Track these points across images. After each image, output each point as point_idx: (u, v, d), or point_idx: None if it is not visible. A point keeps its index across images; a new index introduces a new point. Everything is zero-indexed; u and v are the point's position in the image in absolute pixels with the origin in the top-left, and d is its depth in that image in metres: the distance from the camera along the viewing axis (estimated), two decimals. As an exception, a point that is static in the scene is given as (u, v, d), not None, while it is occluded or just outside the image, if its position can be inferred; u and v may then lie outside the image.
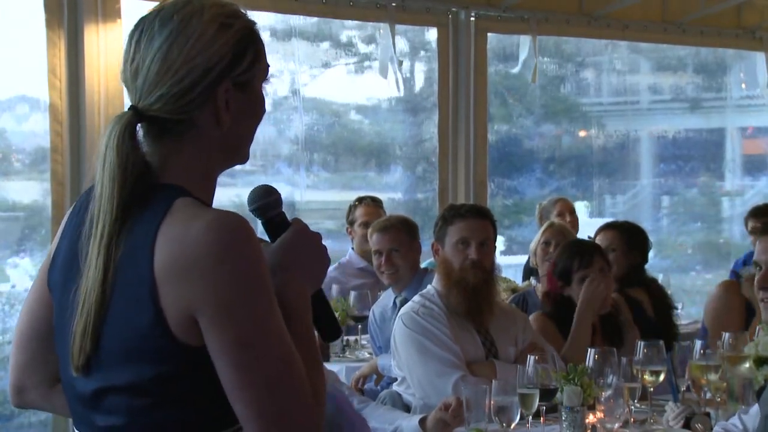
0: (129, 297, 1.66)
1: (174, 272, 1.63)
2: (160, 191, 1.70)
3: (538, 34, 7.21)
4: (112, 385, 1.70)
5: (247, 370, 1.63)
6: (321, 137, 9.11)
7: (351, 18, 7.14)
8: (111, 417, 1.72)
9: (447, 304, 4.00)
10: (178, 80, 1.69)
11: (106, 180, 1.69)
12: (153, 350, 1.66)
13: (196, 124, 1.73)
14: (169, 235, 1.64)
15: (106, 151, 1.69)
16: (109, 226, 1.68)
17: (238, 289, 1.63)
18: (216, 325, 1.63)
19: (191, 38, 1.70)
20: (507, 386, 3.29)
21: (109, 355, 1.69)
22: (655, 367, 3.56)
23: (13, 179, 7.29)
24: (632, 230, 5.33)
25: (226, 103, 1.74)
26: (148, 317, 1.64)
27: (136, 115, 1.71)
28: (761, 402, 2.93)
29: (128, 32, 1.77)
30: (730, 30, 8.09)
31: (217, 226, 1.63)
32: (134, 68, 1.72)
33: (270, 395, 1.64)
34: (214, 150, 1.77)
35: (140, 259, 1.65)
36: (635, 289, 5.00)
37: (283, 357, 1.65)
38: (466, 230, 4.02)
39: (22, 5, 6.22)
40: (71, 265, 1.76)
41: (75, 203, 1.86)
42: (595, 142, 11.05)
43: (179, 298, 1.63)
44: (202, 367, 1.66)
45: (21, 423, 6.50)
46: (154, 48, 1.70)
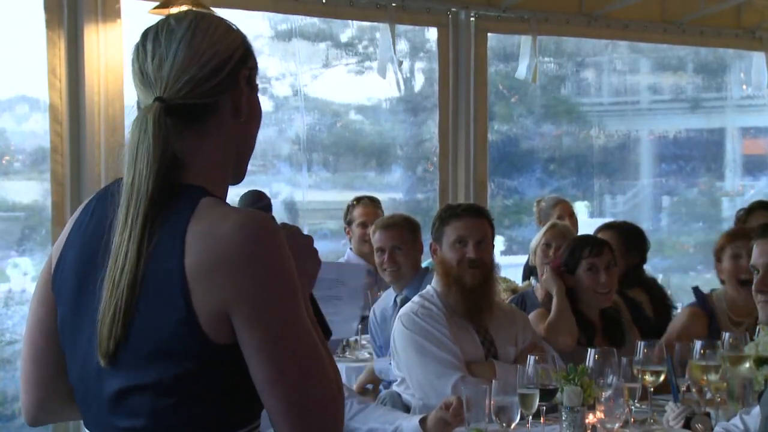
0: (158, 293, 1.70)
1: (207, 271, 1.67)
2: (183, 190, 1.76)
3: (538, 34, 7.20)
4: (137, 384, 1.72)
5: (281, 365, 1.69)
6: (322, 137, 9.12)
7: (351, 18, 7.13)
8: (132, 419, 1.74)
9: (446, 304, 3.99)
10: (204, 62, 1.77)
11: (143, 166, 1.72)
12: (181, 348, 1.69)
13: (219, 110, 1.80)
14: (199, 234, 1.69)
15: (142, 138, 1.73)
16: (143, 209, 1.71)
17: (271, 287, 1.69)
18: (251, 322, 1.68)
19: (210, 29, 1.80)
20: (507, 386, 3.29)
21: (136, 352, 1.71)
22: (655, 367, 3.56)
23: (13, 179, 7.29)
24: (630, 230, 5.33)
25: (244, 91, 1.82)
26: (179, 315, 1.68)
27: (163, 105, 1.76)
28: (762, 403, 2.93)
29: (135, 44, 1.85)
30: (730, 30, 8.09)
31: (246, 225, 1.69)
32: (158, 61, 1.78)
33: (302, 388, 1.70)
34: (230, 144, 1.83)
35: (170, 256, 1.69)
36: (634, 289, 5.00)
37: (312, 350, 1.73)
38: (462, 229, 4.02)
39: (22, 5, 6.23)
40: (92, 261, 1.78)
41: (85, 207, 1.88)
42: (596, 142, 11.06)
43: (212, 297, 1.67)
44: (225, 365, 1.71)
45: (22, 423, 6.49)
46: (177, 38, 1.79)
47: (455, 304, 3.98)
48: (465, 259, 3.99)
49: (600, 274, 4.27)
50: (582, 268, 4.28)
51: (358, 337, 5.52)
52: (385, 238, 5.13)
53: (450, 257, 4.01)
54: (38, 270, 1.99)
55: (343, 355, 5.36)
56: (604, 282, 4.27)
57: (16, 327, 6.91)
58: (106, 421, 1.78)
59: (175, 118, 1.76)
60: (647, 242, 5.33)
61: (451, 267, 4.00)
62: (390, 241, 5.11)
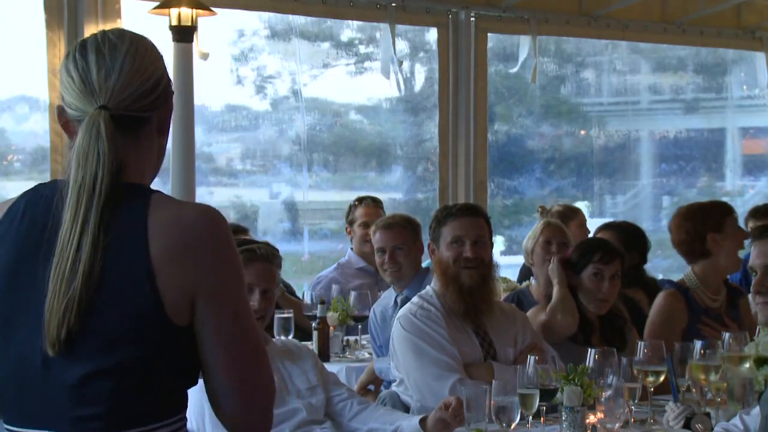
0: (121, 282, 1.80)
1: (174, 257, 1.81)
2: (129, 188, 1.88)
3: (538, 34, 7.21)
4: (99, 368, 1.79)
5: (239, 345, 1.86)
6: (322, 137, 9.12)
7: (351, 18, 7.14)
8: (93, 406, 1.80)
9: (444, 304, 3.99)
10: (146, 78, 1.91)
11: (96, 168, 1.83)
12: (145, 331, 1.80)
13: (150, 124, 1.94)
14: (162, 223, 1.82)
15: (94, 141, 1.84)
16: (97, 207, 1.81)
17: (231, 271, 1.87)
18: (214, 304, 1.84)
19: (148, 49, 1.95)
20: (507, 386, 3.28)
21: (98, 337, 1.80)
22: (655, 367, 3.56)
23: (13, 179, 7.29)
24: (630, 230, 5.32)
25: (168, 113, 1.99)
26: (145, 300, 1.79)
27: (108, 113, 1.87)
28: (762, 403, 2.93)
29: (70, 55, 1.94)
30: (730, 30, 8.09)
31: (207, 215, 1.86)
32: (104, 72, 1.89)
33: (255, 367, 1.89)
34: (153, 156, 1.98)
35: (132, 246, 1.81)
36: (634, 289, 5.00)
37: (258, 333, 1.93)
38: (459, 229, 4.01)
39: (22, 5, 6.23)
40: (27, 260, 1.84)
41: (10, 208, 1.91)
42: (596, 142, 11.06)
43: (178, 280, 1.81)
44: (182, 347, 1.84)
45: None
46: (122, 53, 1.90)
47: (453, 304, 3.97)
48: (461, 259, 3.98)
49: (604, 282, 4.27)
50: (588, 272, 4.28)
51: (359, 337, 5.52)
52: (386, 239, 5.13)
53: (447, 257, 4.00)
54: None
55: (343, 355, 5.36)
56: (606, 291, 4.27)
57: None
58: (56, 413, 1.82)
59: (116, 124, 1.88)
60: (647, 242, 5.33)
61: (448, 267, 3.99)
62: (391, 241, 5.11)
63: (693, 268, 4.56)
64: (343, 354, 5.36)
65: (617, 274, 4.30)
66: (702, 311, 4.49)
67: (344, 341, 5.45)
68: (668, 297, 4.53)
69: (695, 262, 4.54)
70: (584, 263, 4.30)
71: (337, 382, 3.75)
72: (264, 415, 1.93)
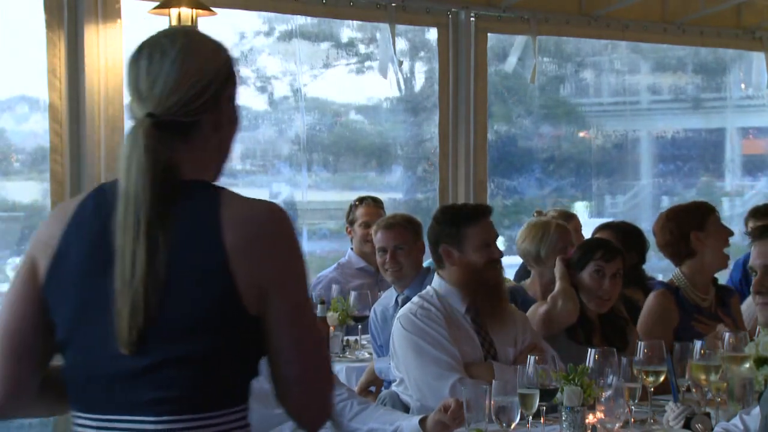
0: (196, 274, 1.88)
1: (248, 251, 1.90)
2: (194, 186, 1.96)
3: (538, 34, 7.21)
4: (170, 357, 1.88)
5: (305, 332, 1.97)
6: (322, 137, 9.11)
7: (351, 18, 7.14)
8: (162, 390, 1.89)
9: (446, 305, 3.99)
10: (192, 85, 1.96)
11: (137, 176, 1.90)
12: (222, 320, 1.89)
13: (202, 127, 1.99)
14: (236, 219, 1.91)
15: (133, 151, 1.91)
16: (145, 215, 1.88)
17: (297, 263, 1.98)
18: (283, 295, 1.93)
19: (200, 53, 1.99)
20: (507, 386, 3.29)
21: (171, 328, 1.88)
22: (655, 367, 3.56)
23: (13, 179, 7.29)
24: (629, 230, 5.32)
25: (224, 110, 2.03)
26: (222, 290, 1.88)
27: (153, 120, 1.94)
28: (762, 403, 2.93)
29: (130, 59, 2.02)
30: (730, 30, 8.09)
31: (277, 211, 1.97)
32: (151, 80, 1.96)
33: (318, 352, 2.01)
34: (213, 152, 2.04)
35: (206, 241, 1.89)
36: (633, 289, 5.00)
37: (317, 326, 2.02)
38: (486, 232, 4.04)
39: (22, 5, 6.23)
40: (102, 259, 1.91)
41: (80, 207, 2.00)
42: (595, 142, 11.05)
43: (252, 273, 1.90)
44: (253, 335, 1.93)
45: (21, 423, 6.49)
46: (169, 60, 1.96)
47: (481, 306, 4.00)
48: (491, 261, 4.02)
49: (605, 280, 4.27)
50: (589, 269, 4.29)
51: (359, 337, 5.52)
52: (387, 238, 5.13)
53: (476, 260, 4.00)
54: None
55: (343, 355, 5.36)
56: (607, 288, 4.27)
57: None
58: (129, 398, 1.90)
59: (163, 130, 1.94)
60: (646, 242, 5.33)
61: (478, 270, 4.00)
62: (392, 241, 5.11)
63: (681, 268, 4.62)
64: (343, 354, 5.36)
65: (618, 273, 4.30)
66: (693, 310, 4.52)
67: (344, 341, 5.45)
68: (659, 297, 4.56)
69: (682, 263, 4.61)
70: (585, 261, 4.31)
71: (337, 382, 3.75)
72: (326, 401, 2.04)
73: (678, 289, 4.56)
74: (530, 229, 5.03)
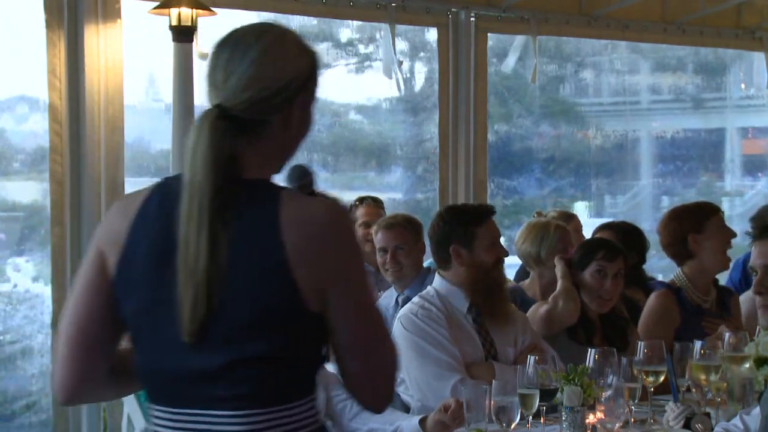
0: (256, 274, 1.91)
1: (308, 250, 1.92)
2: (255, 184, 1.98)
3: (538, 34, 7.20)
4: (243, 356, 1.92)
5: (365, 332, 2.02)
6: (321, 137, 9.11)
7: (351, 18, 7.14)
8: (238, 387, 1.94)
9: (447, 306, 3.99)
10: (266, 86, 1.97)
11: (200, 167, 1.92)
12: (286, 320, 1.93)
13: (270, 127, 2.01)
14: (296, 219, 1.93)
15: (199, 141, 1.93)
16: (207, 205, 1.90)
17: (357, 263, 2.02)
18: (345, 292, 1.97)
19: (282, 54, 2.00)
20: (507, 386, 3.29)
21: (235, 327, 1.92)
22: (655, 367, 3.56)
23: (13, 179, 7.29)
24: (629, 231, 5.32)
25: (296, 112, 2.03)
26: (283, 289, 1.91)
27: (221, 112, 1.96)
28: (762, 403, 2.93)
29: (213, 47, 2.03)
30: (729, 30, 8.09)
31: (337, 212, 1.99)
32: (226, 73, 1.98)
33: (383, 348, 2.06)
34: (277, 151, 2.05)
35: (266, 240, 1.92)
36: (633, 289, 5.00)
37: (383, 317, 2.10)
38: (494, 230, 4.06)
39: (22, 5, 6.23)
40: (168, 252, 1.94)
41: (145, 202, 2.02)
42: (595, 142, 11.06)
43: (313, 271, 1.92)
44: (316, 331, 1.97)
45: (21, 423, 6.50)
46: (249, 57, 1.97)
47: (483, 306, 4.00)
48: (500, 260, 4.03)
49: (606, 280, 4.28)
50: (590, 269, 4.29)
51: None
52: (388, 238, 5.13)
53: (486, 260, 4.01)
54: (38, 270, 2.06)
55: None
56: (608, 288, 4.28)
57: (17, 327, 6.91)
58: (200, 394, 1.96)
59: (230, 123, 1.96)
60: (646, 242, 5.33)
61: (486, 270, 4.01)
62: (392, 241, 5.11)
63: (682, 268, 4.62)
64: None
65: (620, 273, 4.30)
66: (695, 310, 4.52)
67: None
68: (660, 297, 4.55)
69: (683, 263, 4.61)
70: (587, 261, 4.31)
71: (337, 383, 3.75)
72: (388, 390, 2.11)
73: (680, 290, 4.55)
74: (530, 230, 5.02)
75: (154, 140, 8.38)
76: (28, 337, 6.72)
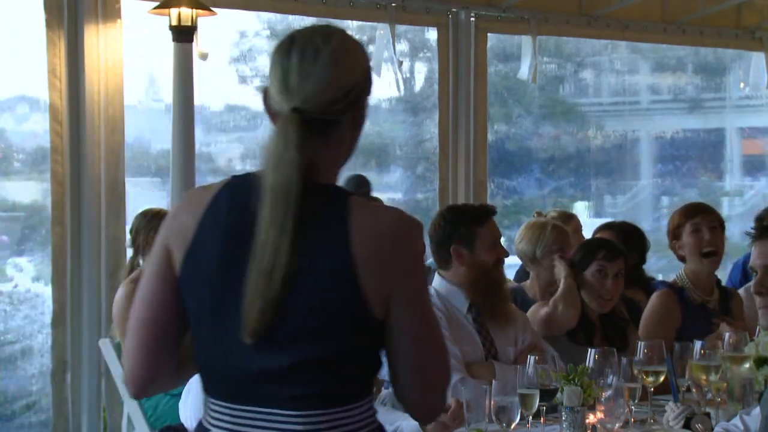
0: (324, 280, 1.95)
1: (375, 259, 1.96)
2: (327, 189, 2.02)
3: (538, 34, 7.20)
4: (307, 358, 1.95)
5: (425, 341, 2.05)
6: (321, 137, 9.10)
7: (351, 18, 7.13)
8: (301, 387, 1.97)
9: (447, 306, 3.99)
10: (341, 86, 2.01)
11: (288, 172, 1.94)
12: (351, 325, 1.97)
13: (341, 127, 2.05)
14: (364, 228, 1.97)
15: (285, 147, 1.96)
16: (292, 211, 1.93)
17: (421, 273, 2.07)
18: (408, 302, 2.01)
19: (351, 53, 2.05)
20: (507, 386, 3.29)
21: (301, 331, 1.95)
22: (655, 367, 3.56)
23: (13, 179, 7.30)
24: (629, 231, 5.32)
25: (362, 110, 2.09)
26: (350, 296, 1.95)
27: (301, 115, 1.98)
28: (762, 403, 2.93)
29: (278, 49, 2.04)
30: (729, 30, 8.09)
31: (404, 221, 2.04)
32: (303, 75, 2.00)
33: (440, 358, 2.10)
34: (344, 152, 2.10)
35: (335, 248, 1.95)
36: (633, 289, 4.99)
37: (439, 325, 2.14)
38: (495, 230, 4.06)
39: (22, 5, 6.23)
40: (237, 252, 1.97)
41: (214, 199, 2.04)
42: (595, 142, 11.06)
43: (379, 280, 1.96)
44: (376, 339, 2.01)
45: (21, 423, 6.50)
46: (322, 59, 2.00)
47: (484, 306, 4.00)
48: (500, 260, 4.04)
49: (607, 280, 4.28)
50: (591, 269, 4.30)
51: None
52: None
53: (487, 260, 4.01)
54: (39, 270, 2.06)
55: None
56: (609, 288, 4.28)
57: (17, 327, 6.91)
58: (262, 393, 1.99)
59: (308, 126, 1.98)
60: (647, 242, 5.33)
61: (487, 270, 4.01)
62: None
63: (684, 268, 4.64)
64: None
65: (621, 273, 4.30)
66: (697, 310, 4.52)
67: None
68: (663, 297, 4.56)
69: (684, 263, 4.63)
70: (588, 261, 4.32)
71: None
72: (441, 401, 2.14)
73: (683, 290, 4.56)
74: (528, 229, 5.02)
75: (154, 140, 8.39)
76: (29, 337, 6.72)
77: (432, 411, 2.16)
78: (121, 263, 5.60)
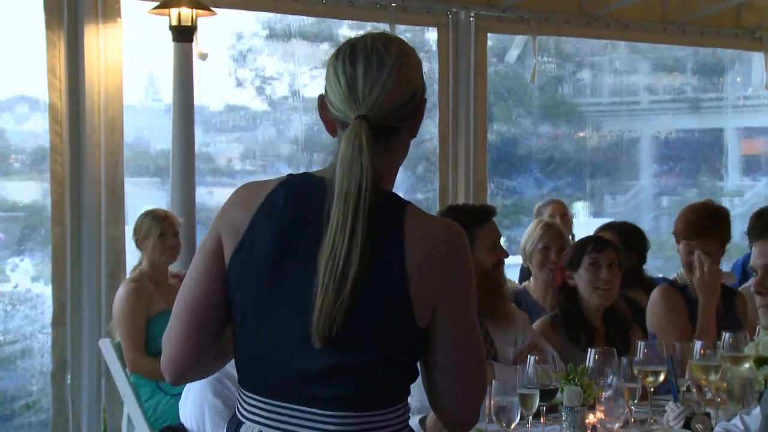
0: (380, 286, 1.97)
1: (425, 268, 1.98)
2: (387, 196, 2.05)
3: (538, 34, 7.21)
4: (350, 362, 1.99)
5: (467, 352, 2.07)
6: (321, 137, 9.09)
7: (351, 18, 7.13)
8: (341, 389, 2.00)
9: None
10: (404, 93, 2.05)
11: (363, 178, 1.97)
12: (397, 331, 2.00)
13: (400, 133, 2.10)
14: (418, 236, 2.00)
15: (358, 152, 1.98)
16: (362, 220, 1.96)
17: (469, 284, 2.06)
18: (454, 314, 2.04)
19: (412, 61, 2.09)
20: (507, 386, 3.29)
21: (361, 333, 1.98)
22: (655, 367, 3.56)
23: (13, 179, 7.29)
24: (630, 231, 5.32)
25: (420, 117, 2.13)
26: (399, 303, 1.98)
27: (368, 123, 2.01)
28: (762, 403, 2.93)
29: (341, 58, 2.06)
30: (729, 30, 8.10)
31: (455, 232, 2.05)
32: (370, 83, 2.03)
33: (478, 369, 2.11)
34: (400, 158, 2.14)
35: (391, 254, 1.98)
36: (634, 289, 5.00)
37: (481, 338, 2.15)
38: (495, 231, 4.06)
39: (22, 5, 6.23)
40: (290, 251, 2.01)
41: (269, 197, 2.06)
42: (594, 142, 11.06)
43: (426, 289, 1.99)
44: (417, 347, 2.04)
45: (21, 423, 6.50)
46: (387, 67, 2.03)
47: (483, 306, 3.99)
48: (500, 261, 4.03)
49: (601, 270, 4.27)
50: (584, 264, 4.29)
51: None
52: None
53: (487, 261, 4.01)
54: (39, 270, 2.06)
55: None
56: (605, 278, 4.26)
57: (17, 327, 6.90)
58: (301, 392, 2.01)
59: (373, 133, 2.01)
60: (647, 243, 5.33)
61: (487, 271, 4.01)
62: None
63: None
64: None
65: (614, 263, 4.29)
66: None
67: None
68: (665, 291, 4.56)
69: None
70: (579, 257, 4.32)
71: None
72: (476, 411, 2.15)
73: (685, 287, 4.55)
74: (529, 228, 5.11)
75: (154, 140, 8.38)
76: (28, 337, 6.72)
77: (471, 420, 2.16)
78: (121, 263, 5.61)
